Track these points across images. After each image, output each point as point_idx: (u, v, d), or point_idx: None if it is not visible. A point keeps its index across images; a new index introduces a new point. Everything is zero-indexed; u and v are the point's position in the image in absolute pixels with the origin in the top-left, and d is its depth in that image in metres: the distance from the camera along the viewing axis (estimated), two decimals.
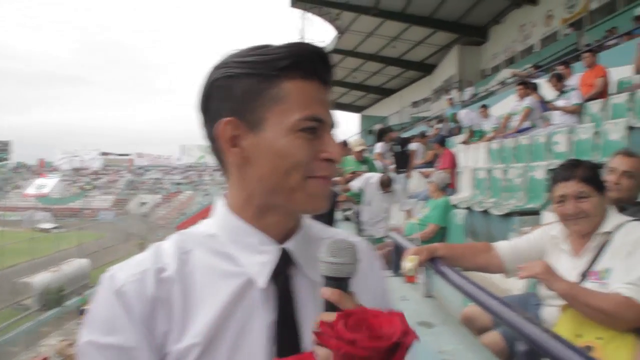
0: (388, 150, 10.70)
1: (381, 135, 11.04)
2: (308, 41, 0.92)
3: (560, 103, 7.84)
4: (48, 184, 78.67)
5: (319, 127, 0.89)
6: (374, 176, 7.13)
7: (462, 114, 13.10)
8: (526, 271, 2.24)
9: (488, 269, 2.66)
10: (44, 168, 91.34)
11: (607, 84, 8.20)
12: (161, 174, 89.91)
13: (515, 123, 9.08)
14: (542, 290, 2.40)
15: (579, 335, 2.13)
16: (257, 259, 0.90)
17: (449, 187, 7.84)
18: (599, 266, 2.22)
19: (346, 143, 9.03)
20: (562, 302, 2.21)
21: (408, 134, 16.84)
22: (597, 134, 6.16)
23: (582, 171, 2.28)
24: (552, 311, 2.35)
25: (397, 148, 10.19)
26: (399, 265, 2.58)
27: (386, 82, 35.63)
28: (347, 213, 7.60)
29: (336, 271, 0.80)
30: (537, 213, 5.32)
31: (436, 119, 18.24)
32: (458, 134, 13.26)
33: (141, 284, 0.85)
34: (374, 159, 10.58)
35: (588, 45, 12.83)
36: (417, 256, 2.37)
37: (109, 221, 57.03)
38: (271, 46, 0.90)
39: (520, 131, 8.69)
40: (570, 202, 2.27)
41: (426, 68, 30.94)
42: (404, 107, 32.90)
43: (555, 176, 2.38)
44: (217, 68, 0.91)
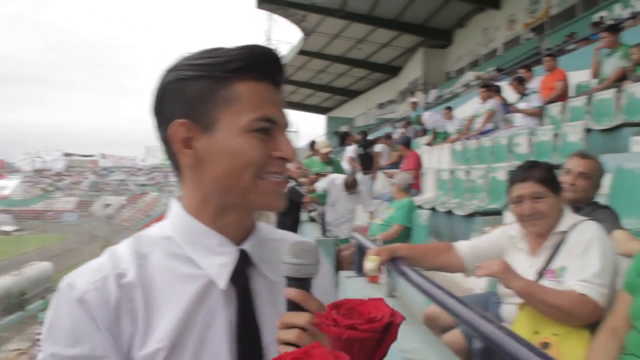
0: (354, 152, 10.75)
1: (343, 139, 11.10)
2: (260, 43, 0.92)
3: (522, 106, 8.00)
4: (8, 185, 76.92)
5: (271, 127, 0.90)
6: (339, 177, 7.15)
7: (426, 116, 13.24)
8: (484, 270, 2.27)
9: (449, 269, 2.69)
10: (4, 169, 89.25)
11: (567, 87, 8.40)
12: (126, 175, 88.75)
13: (478, 125, 9.24)
14: (501, 289, 2.43)
15: (536, 332, 2.17)
16: (216, 260, 0.90)
17: (414, 188, 7.93)
18: (555, 264, 2.27)
19: (313, 144, 9.06)
20: (520, 300, 2.25)
21: (373, 135, 16.93)
22: (557, 135, 6.31)
23: (538, 172, 2.33)
24: (510, 309, 2.39)
25: (360, 150, 10.25)
26: (362, 265, 2.60)
27: (352, 83, 35.77)
28: (312, 214, 7.62)
29: (299, 272, 0.81)
30: (500, 213, 5.41)
31: (401, 121, 18.40)
32: (423, 135, 13.42)
33: (103, 290, 0.83)
34: (348, 162, 10.66)
35: (549, 49, 13.12)
36: (378, 257, 2.40)
37: (72, 223, 56.05)
38: (223, 49, 0.90)
39: (483, 133, 8.83)
40: (527, 202, 2.31)
41: (392, 70, 31.16)
42: (369, 109, 33.09)
43: (513, 177, 2.43)
44: (169, 71, 0.91)
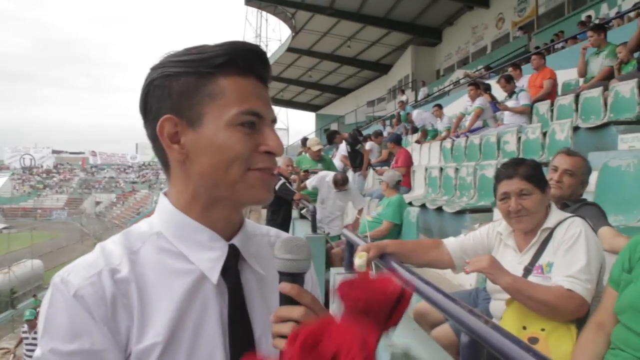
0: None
1: (331, 138, 11.10)
2: (254, 43, 0.94)
3: (510, 104, 8.06)
4: None
5: (257, 121, 0.91)
6: (329, 174, 7.15)
7: (415, 114, 13.28)
8: (472, 266, 2.29)
9: (438, 265, 2.72)
10: None
11: (556, 85, 8.47)
12: (116, 172, 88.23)
13: (467, 123, 9.30)
14: (490, 285, 2.46)
15: (524, 327, 2.20)
16: (207, 255, 0.91)
17: (404, 186, 7.96)
18: (542, 261, 2.30)
19: (305, 141, 9.06)
20: (508, 296, 2.28)
21: (364, 133, 16.95)
22: (545, 134, 6.37)
23: (524, 169, 2.36)
24: (499, 305, 2.41)
25: (349, 148, 10.28)
26: (352, 262, 2.62)
27: (342, 81, 35.73)
28: (302, 211, 7.63)
29: (292, 267, 0.83)
30: (489, 210, 5.47)
31: (391, 119, 18.45)
32: (413, 133, 13.47)
33: (98, 286, 0.83)
34: (340, 160, 10.66)
35: (537, 48, 13.21)
36: (366, 253, 2.42)
37: (62, 221, 55.69)
38: (207, 45, 0.92)
39: (471, 131, 8.89)
40: (513, 199, 2.34)
41: (381, 68, 31.20)
42: (359, 107, 33.08)
43: (499, 174, 2.45)
44: (154, 69, 0.92)
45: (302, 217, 7.72)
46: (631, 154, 4.25)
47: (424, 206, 6.82)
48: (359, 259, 2.39)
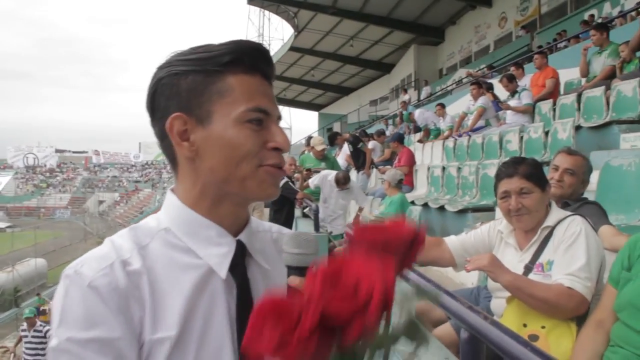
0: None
1: (333, 140, 11.13)
2: (248, 39, 0.97)
3: (513, 103, 8.07)
4: (1, 182, 76.46)
5: (264, 118, 0.93)
6: (331, 173, 7.16)
7: (417, 113, 13.29)
8: (473, 264, 2.31)
9: (439, 263, 2.74)
10: None
11: (558, 85, 8.46)
12: (119, 171, 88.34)
13: (469, 122, 9.30)
14: (491, 284, 2.47)
15: (525, 325, 2.22)
16: (215, 250, 0.93)
17: (407, 185, 7.99)
18: (542, 259, 2.32)
19: (309, 140, 9.08)
20: (509, 294, 2.30)
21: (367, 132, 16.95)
22: (547, 133, 6.38)
23: (524, 168, 2.38)
24: (500, 303, 2.43)
25: (351, 147, 10.31)
26: None
27: (344, 80, 35.63)
28: (305, 210, 7.66)
29: (300, 261, 0.85)
30: (491, 209, 5.48)
31: (393, 118, 18.45)
32: (415, 132, 13.48)
33: (112, 277, 0.84)
34: (345, 160, 10.68)
35: (540, 47, 13.20)
36: None
37: (65, 220, 55.79)
38: (213, 44, 0.94)
39: (474, 130, 8.91)
40: (513, 198, 2.36)
41: (384, 67, 31.13)
42: (362, 106, 33.05)
43: (500, 173, 2.47)
44: (161, 68, 0.94)
45: (305, 216, 7.75)
46: (633, 153, 4.26)
47: (426, 205, 6.84)
48: None
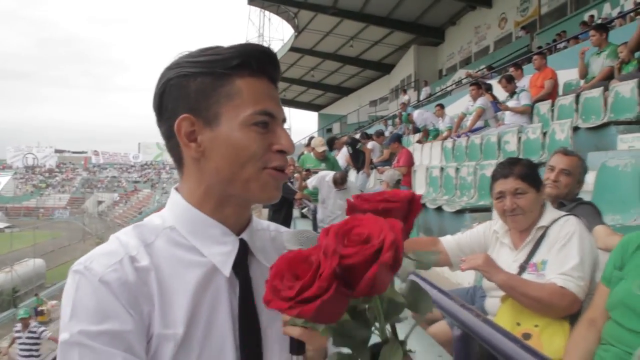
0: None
1: (331, 144, 11.20)
2: (256, 42, 0.99)
3: (511, 104, 8.08)
4: (0, 182, 76.43)
5: (270, 121, 0.95)
6: (329, 174, 7.17)
7: (416, 114, 13.30)
8: (468, 263, 2.34)
9: (435, 262, 2.76)
10: None
11: (557, 85, 8.48)
12: (118, 172, 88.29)
13: (468, 123, 9.32)
14: (486, 283, 2.50)
15: (518, 324, 2.24)
16: (219, 249, 0.95)
17: (405, 185, 7.99)
18: (536, 258, 2.34)
19: (310, 141, 9.12)
20: (503, 293, 2.33)
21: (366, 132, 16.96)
22: (545, 133, 6.39)
23: (519, 169, 2.40)
24: (494, 302, 2.45)
25: (350, 149, 10.35)
26: None
27: (344, 81, 35.65)
28: (303, 210, 7.68)
29: None
30: (489, 210, 5.48)
31: (393, 119, 18.46)
32: (414, 133, 13.50)
33: (122, 272, 0.86)
34: (345, 161, 10.72)
35: (540, 47, 13.22)
36: None
37: (64, 220, 55.77)
38: (222, 47, 0.95)
39: (473, 131, 8.92)
40: (508, 198, 2.38)
41: (384, 67, 31.13)
42: (362, 106, 33.05)
43: (495, 174, 2.49)
44: (170, 69, 0.96)
45: (303, 216, 7.77)
46: (629, 154, 4.28)
47: (424, 205, 6.85)
48: None
